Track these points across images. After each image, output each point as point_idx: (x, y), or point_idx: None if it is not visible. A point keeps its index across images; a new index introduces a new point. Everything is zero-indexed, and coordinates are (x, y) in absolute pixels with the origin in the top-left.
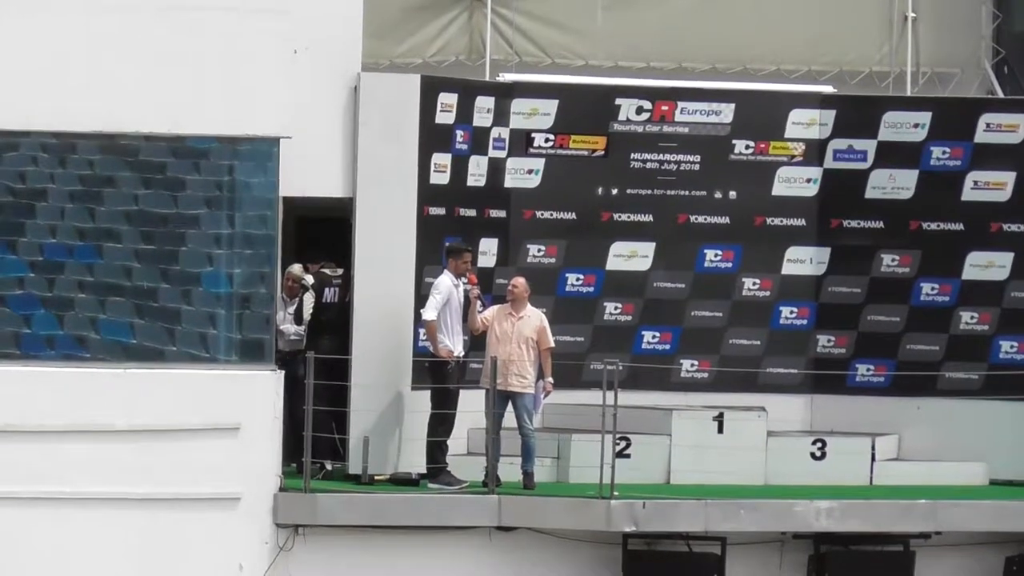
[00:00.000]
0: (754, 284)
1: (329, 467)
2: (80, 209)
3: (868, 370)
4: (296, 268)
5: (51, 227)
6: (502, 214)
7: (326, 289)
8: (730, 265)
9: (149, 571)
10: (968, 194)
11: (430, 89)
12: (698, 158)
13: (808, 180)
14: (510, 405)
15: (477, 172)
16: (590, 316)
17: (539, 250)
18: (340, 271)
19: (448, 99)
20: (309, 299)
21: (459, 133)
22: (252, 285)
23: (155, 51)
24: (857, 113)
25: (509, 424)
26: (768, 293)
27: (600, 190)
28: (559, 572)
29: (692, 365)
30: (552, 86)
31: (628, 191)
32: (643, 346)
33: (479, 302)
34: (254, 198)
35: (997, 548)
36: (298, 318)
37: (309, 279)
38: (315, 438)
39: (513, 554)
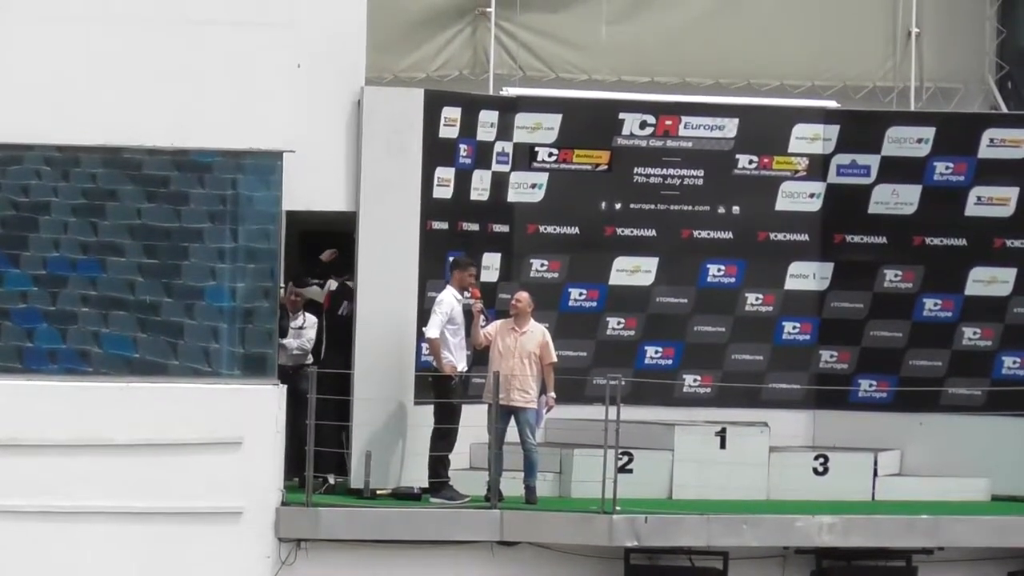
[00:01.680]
0: (757, 299)
1: (332, 481)
2: (83, 223)
3: (871, 385)
4: None
5: (54, 241)
6: (505, 229)
7: (345, 302)
8: (733, 280)
9: None
10: (971, 209)
11: (434, 103)
12: (701, 173)
13: (811, 195)
14: (512, 420)
15: (480, 186)
16: (593, 331)
17: (542, 265)
18: None
19: (452, 113)
20: (312, 320)
21: (462, 147)
22: (255, 299)
23: (159, 65)
24: (860, 128)
25: (511, 439)
26: (771, 308)
27: (603, 205)
28: None
29: (695, 380)
30: (556, 100)
31: (631, 206)
32: (646, 361)
33: (482, 317)
34: (257, 212)
35: (999, 564)
36: (283, 331)
37: (319, 288)
38: (320, 452)
39: (515, 569)
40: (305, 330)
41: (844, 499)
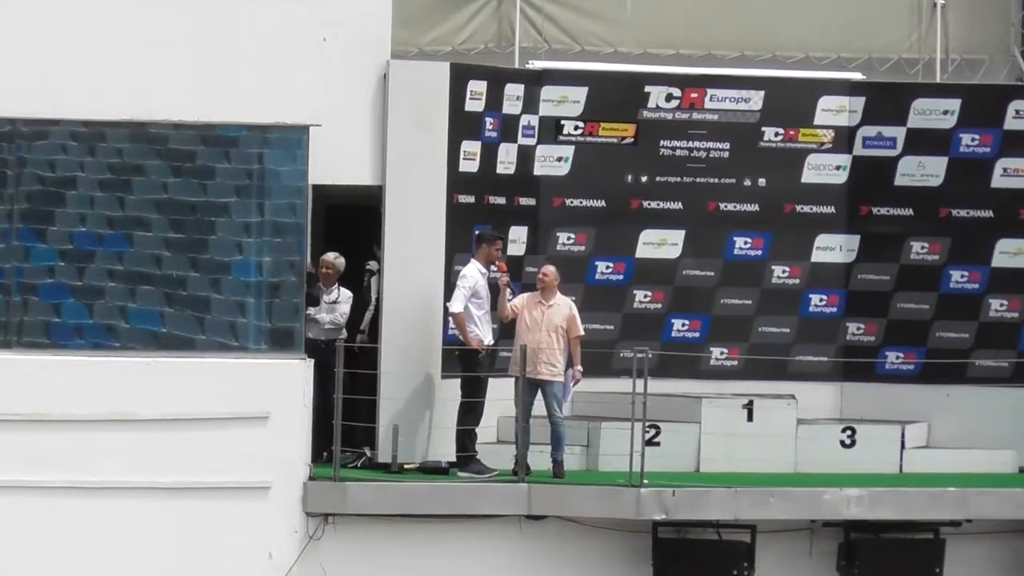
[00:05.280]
0: (784, 272)
1: (368, 453)
2: (109, 197)
3: (898, 358)
4: (330, 255)
5: (80, 216)
6: (532, 202)
7: None
8: (760, 253)
9: (179, 560)
10: (998, 181)
11: (460, 77)
12: (728, 145)
13: (837, 167)
14: (539, 393)
15: (507, 160)
16: (620, 304)
17: (569, 238)
18: None
19: (477, 87)
20: (347, 294)
21: (488, 121)
22: (281, 273)
23: (185, 38)
24: (886, 100)
25: (539, 412)
26: (798, 281)
27: (630, 177)
28: (589, 560)
29: (722, 353)
30: (581, 73)
31: (658, 178)
32: (673, 334)
33: (508, 290)
34: (283, 186)
35: None
36: (312, 300)
37: (375, 264)
38: (356, 426)
39: (543, 542)
40: (339, 304)
41: (872, 472)
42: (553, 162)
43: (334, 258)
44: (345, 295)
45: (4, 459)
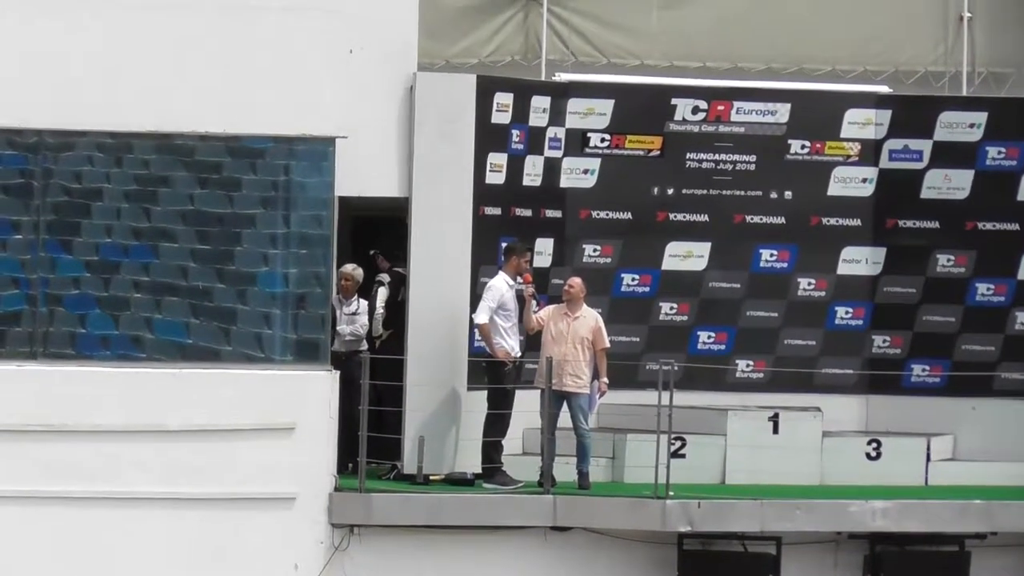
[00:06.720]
0: (809, 284)
1: (399, 465)
2: (136, 209)
3: (923, 370)
4: (348, 267)
5: (107, 227)
6: (558, 214)
7: (400, 289)
8: (785, 265)
9: (204, 571)
10: None
11: (486, 89)
12: (754, 158)
13: (864, 180)
14: (565, 405)
15: (533, 172)
16: (645, 316)
17: (595, 250)
18: None
19: (504, 99)
20: (383, 293)
21: (515, 133)
22: (307, 285)
23: (211, 51)
24: (913, 113)
25: (564, 424)
26: (823, 293)
27: (656, 190)
28: (614, 572)
29: (747, 365)
30: (608, 86)
31: (684, 191)
32: (698, 346)
33: (534, 301)
34: (309, 198)
35: None
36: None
37: (385, 276)
38: (386, 439)
39: (568, 554)
40: (358, 316)
41: (897, 484)
42: (579, 174)
43: (352, 269)
44: (364, 306)
45: (30, 470)
